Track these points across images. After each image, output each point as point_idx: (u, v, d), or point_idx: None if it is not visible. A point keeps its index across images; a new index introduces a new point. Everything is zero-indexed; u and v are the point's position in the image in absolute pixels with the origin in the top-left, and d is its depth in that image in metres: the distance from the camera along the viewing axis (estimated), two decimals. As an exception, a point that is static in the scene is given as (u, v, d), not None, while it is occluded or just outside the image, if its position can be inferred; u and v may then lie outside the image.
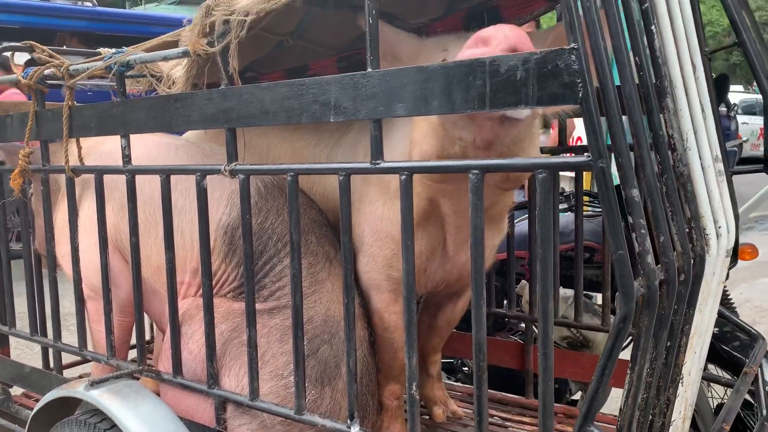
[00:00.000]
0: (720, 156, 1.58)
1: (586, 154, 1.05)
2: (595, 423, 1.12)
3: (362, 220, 1.74)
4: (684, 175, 1.38)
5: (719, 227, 1.49)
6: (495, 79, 1.10)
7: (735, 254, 1.95)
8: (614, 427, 1.29)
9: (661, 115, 1.34)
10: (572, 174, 3.17)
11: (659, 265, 1.20)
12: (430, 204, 1.62)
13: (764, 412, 1.74)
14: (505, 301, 2.47)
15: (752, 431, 2.02)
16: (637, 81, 1.28)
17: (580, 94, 1.02)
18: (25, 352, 3.90)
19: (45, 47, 2.07)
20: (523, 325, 2.50)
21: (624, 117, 1.16)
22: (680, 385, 1.47)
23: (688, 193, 1.38)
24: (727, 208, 1.56)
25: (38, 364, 2.28)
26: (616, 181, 1.10)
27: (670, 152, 1.36)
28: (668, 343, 1.34)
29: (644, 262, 1.10)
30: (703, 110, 1.52)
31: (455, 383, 2.46)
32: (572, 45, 1.03)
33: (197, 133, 2.21)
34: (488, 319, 2.68)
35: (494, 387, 2.29)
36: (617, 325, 1.05)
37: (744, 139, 12.42)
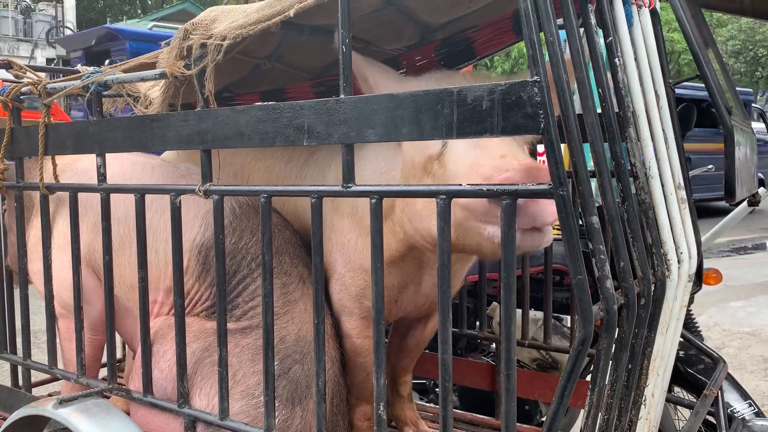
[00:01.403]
0: (683, 183, 1.64)
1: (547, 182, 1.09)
2: (556, 443, 1.15)
3: (333, 249, 1.76)
4: (646, 203, 1.43)
5: (681, 253, 1.54)
6: (462, 108, 1.14)
7: (699, 279, 2.00)
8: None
9: (624, 144, 1.40)
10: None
11: (619, 290, 1.24)
12: (410, 249, 1.65)
13: (723, 433, 1.79)
14: (477, 323, 2.50)
15: None
16: (599, 111, 1.33)
17: (542, 125, 1.07)
18: (-6, 370, 3.84)
19: (23, 64, 2.09)
20: (494, 346, 2.53)
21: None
22: (643, 406, 1.51)
23: (650, 219, 1.43)
24: (689, 234, 1.61)
25: (6, 382, 2.26)
26: None
27: (632, 180, 1.41)
28: (629, 366, 1.37)
29: (603, 286, 1.14)
30: (666, 139, 1.58)
31: (427, 404, 2.47)
32: (535, 77, 1.07)
33: (174, 152, 2.23)
34: (460, 341, 2.73)
35: (474, 410, 2.32)
36: (576, 348, 1.09)
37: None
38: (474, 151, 1.36)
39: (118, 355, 2.64)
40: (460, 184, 1.21)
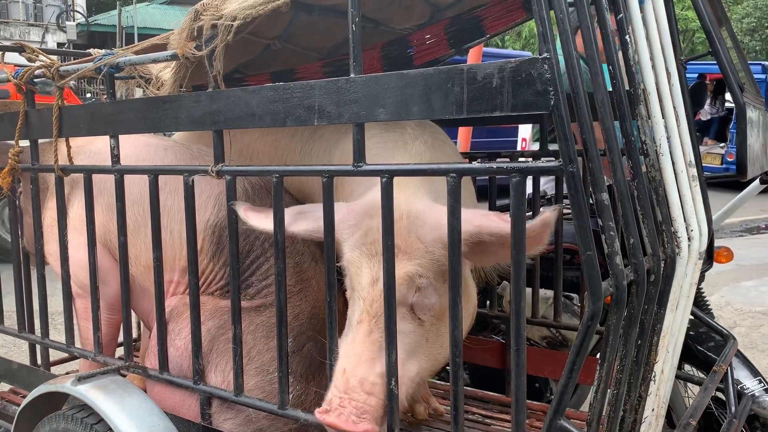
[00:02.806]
0: (694, 161, 1.64)
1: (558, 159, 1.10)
2: (566, 417, 1.16)
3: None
4: (656, 180, 1.43)
5: (691, 230, 1.54)
6: (472, 86, 1.15)
7: (710, 257, 2.00)
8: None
9: (635, 122, 1.40)
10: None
11: (629, 267, 1.25)
12: None
13: (732, 409, 1.80)
14: (487, 302, 2.52)
15: None
16: (610, 89, 1.33)
17: (552, 102, 1.07)
18: (13, 351, 3.91)
19: (35, 47, 2.10)
20: (504, 325, 2.54)
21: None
22: (652, 382, 1.52)
23: (660, 197, 1.43)
24: (700, 212, 1.61)
25: (26, 362, 2.31)
26: None
27: (642, 157, 1.41)
28: (639, 342, 1.39)
29: (613, 263, 1.15)
30: (677, 117, 1.57)
31: (438, 381, 2.50)
32: (545, 54, 1.07)
33: (186, 134, 2.24)
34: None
35: (484, 388, 2.34)
36: (585, 323, 1.10)
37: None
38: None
39: (134, 334, 2.69)
40: (469, 161, 1.22)
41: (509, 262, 1.17)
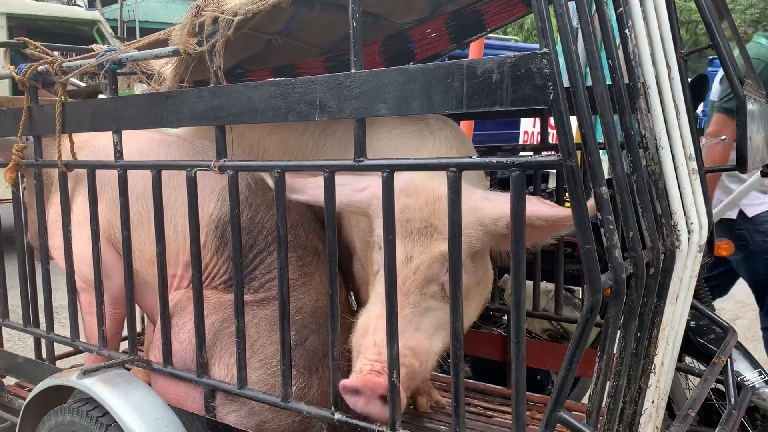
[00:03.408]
0: (694, 155, 1.64)
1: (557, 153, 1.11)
2: (566, 409, 1.18)
3: (353, 232, 1.79)
4: (656, 173, 1.44)
5: (691, 223, 1.55)
6: (472, 81, 1.16)
7: (710, 249, 2.01)
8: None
9: (634, 116, 1.40)
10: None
11: (628, 260, 1.26)
12: None
13: (732, 400, 1.81)
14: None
15: None
16: (609, 83, 1.33)
17: (551, 96, 1.08)
18: (18, 345, 3.93)
19: (38, 44, 2.11)
20: (505, 317, 2.56)
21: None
22: (652, 374, 1.54)
23: (660, 190, 1.44)
24: (700, 205, 1.62)
25: (31, 356, 2.32)
26: None
27: (642, 151, 1.42)
28: (638, 334, 1.40)
29: (612, 256, 1.16)
30: (677, 110, 1.58)
31: (440, 374, 2.51)
32: (544, 49, 1.08)
33: (189, 129, 2.25)
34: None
35: (486, 381, 2.35)
36: (584, 316, 1.11)
37: None
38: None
39: (138, 327, 2.71)
40: (470, 157, 1.23)
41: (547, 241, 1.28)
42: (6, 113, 2.12)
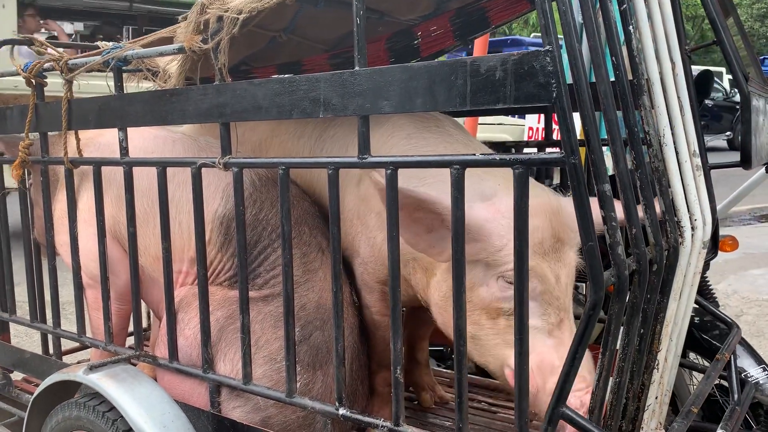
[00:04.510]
0: (698, 151, 1.64)
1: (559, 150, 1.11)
2: (567, 405, 1.18)
3: (359, 236, 1.79)
4: (659, 170, 1.44)
5: (695, 220, 1.55)
6: (475, 78, 1.16)
7: (715, 246, 2.01)
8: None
9: (638, 113, 1.40)
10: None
11: (631, 257, 1.26)
12: None
13: (735, 396, 1.81)
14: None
15: None
16: (613, 79, 1.33)
17: (554, 94, 1.08)
18: (25, 340, 3.96)
19: (44, 41, 2.12)
20: (510, 314, 2.55)
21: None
22: (655, 370, 1.54)
23: (663, 187, 1.44)
24: (704, 202, 1.62)
25: (38, 351, 2.34)
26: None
27: (645, 148, 1.42)
28: (641, 330, 1.40)
29: (614, 253, 1.16)
30: (681, 107, 1.58)
31: (444, 370, 2.52)
32: (547, 47, 1.08)
33: (194, 126, 2.26)
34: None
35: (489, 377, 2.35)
36: (587, 312, 1.12)
37: None
38: None
39: (144, 323, 2.72)
40: (474, 154, 1.24)
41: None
42: (12, 110, 2.14)
